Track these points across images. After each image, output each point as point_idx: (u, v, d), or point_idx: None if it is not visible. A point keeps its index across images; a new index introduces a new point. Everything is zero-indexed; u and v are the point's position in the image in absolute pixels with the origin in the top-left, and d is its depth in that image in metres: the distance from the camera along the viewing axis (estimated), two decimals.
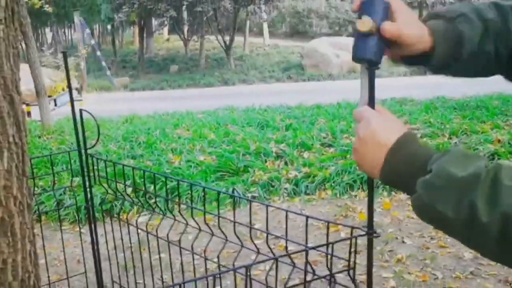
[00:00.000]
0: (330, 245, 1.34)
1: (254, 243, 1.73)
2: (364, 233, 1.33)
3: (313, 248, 1.62)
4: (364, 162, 1.13)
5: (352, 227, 1.39)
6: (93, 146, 2.08)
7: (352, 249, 1.34)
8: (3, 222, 1.22)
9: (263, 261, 1.47)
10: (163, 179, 6.67)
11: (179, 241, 2.17)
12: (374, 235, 1.32)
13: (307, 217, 1.62)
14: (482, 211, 0.88)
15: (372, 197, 1.34)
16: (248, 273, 1.25)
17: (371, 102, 1.25)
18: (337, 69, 23.98)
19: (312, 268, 1.39)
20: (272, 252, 1.41)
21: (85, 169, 1.98)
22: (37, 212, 6.27)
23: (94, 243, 2.56)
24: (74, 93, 14.09)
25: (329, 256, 1.35)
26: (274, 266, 1.34)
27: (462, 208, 0.90)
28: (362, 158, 1.13)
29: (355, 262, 1.37)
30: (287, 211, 1.68)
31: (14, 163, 1.24)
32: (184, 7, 26.85)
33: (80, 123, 2.00)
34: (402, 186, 1.07)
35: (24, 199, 1.28)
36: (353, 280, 1.36)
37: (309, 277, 1.37)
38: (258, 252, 1.75)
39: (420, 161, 1.02)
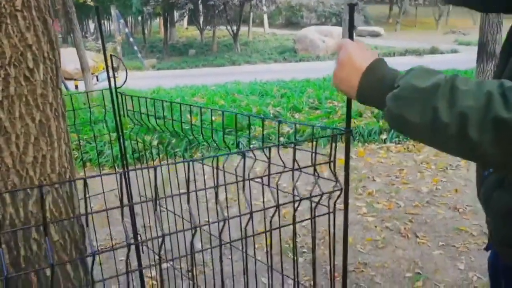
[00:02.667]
0: (315, 142, 1.31)
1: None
2: (343, 131, 1.30)
3: (301, 140, 1.61)
4: (342, 84, 1.09)
5: (333, 128, 1.35)
6: (121, 86, 2.02)
7: (333, 146, 1.31)
8: (41, 124, 1.18)
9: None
10: (182, 135, 6.67)
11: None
12: (351, 133, 1.31)
13: (295, 123, 1.57)
14: (443, 113, 0.84)
15: (350, 104, 1.30)
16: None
17: (350, 36, 1.20)
18: (323, 52, 23.70)
19: (298, 164, 1.35)
20: (265, 155, 1.37)
21: (115, 104, 1.91)
22: (82, 159, 6.31)
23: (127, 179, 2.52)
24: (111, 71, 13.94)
25: (313, 154, 1.33)
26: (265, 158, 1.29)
27: (426, 113, 0.87)
28: (341, 81, 1.09)
29: (335, 156, 1.34)
30: (279, 122, 1.63)
31: (49, 75, 1.19)
32: (200, 1, 26.43)
33: (111, 66, 1.93)
34: (375, 103, 1.03)
35: (59, 107, 1.23)
36: (334, 172, 1.33)
37: (297, 174, 1.34)
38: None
39: (389, 79, 0.98)
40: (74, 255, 1.28)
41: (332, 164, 1.33)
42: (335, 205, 1.40)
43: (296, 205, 1.30)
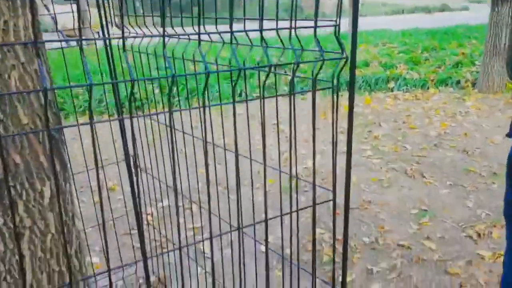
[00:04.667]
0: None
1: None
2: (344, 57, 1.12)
3: (301, 62, 1.47)
4: None
5: (337, 58, 1.18)
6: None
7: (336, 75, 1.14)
8: None
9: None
10: (184, 82, 6.50)
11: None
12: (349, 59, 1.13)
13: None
14: None
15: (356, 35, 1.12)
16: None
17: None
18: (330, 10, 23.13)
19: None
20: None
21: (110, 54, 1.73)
22: (82, 107, 6.19)
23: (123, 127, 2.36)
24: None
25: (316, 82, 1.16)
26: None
27: None
28: None
29: (338, 83, 1.17)
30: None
31: None
32: None
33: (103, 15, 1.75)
34: None
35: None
36: (337, 93, 1.17)
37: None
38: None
39: None
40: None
41: (335, 89, 1.16)
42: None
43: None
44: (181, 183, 1.75)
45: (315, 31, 1.09)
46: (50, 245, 1.20)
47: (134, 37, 1.02)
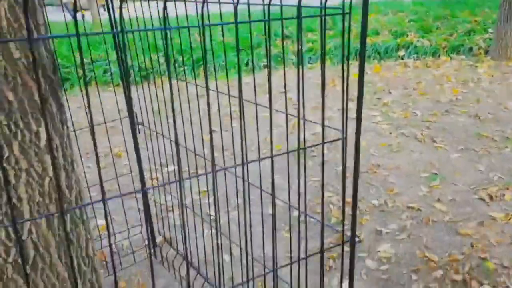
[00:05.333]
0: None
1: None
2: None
3: (304, 17, 1.39)
4: None
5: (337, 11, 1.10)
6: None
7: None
8: None
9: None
10: (190, 53, 6.41)
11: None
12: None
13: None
14: None
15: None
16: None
17: None
18: None
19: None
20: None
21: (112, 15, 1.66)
22: (88, 77, 6.13)
23: (128, 94, 2.30)
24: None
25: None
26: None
27: None
28: None
29: (349, 46, 1.09)
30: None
31: None
32: None
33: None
34: None
35: None
36: (347, 62, 1.09)
37: None
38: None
39: None
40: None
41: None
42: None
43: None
44: (186, 150, 1.70)
45: None
46: (49, 189, 1.16)
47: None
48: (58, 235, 1.20)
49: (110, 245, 0.92)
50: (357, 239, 1.14)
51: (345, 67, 1.34)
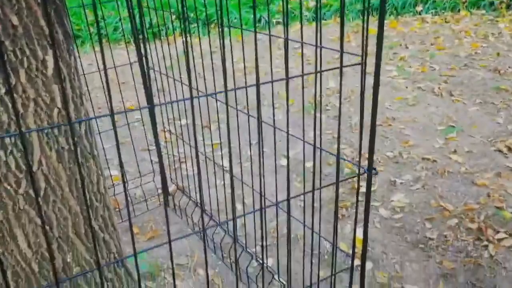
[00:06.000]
0: None
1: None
2: None
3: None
4: None
5: None
6: None
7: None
8: None
9: None
10: (202, 8, 6.29)
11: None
12: None
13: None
14: None
15: None
16: None
17: None
18: None
19: None
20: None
21: None
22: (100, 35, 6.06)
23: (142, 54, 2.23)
24: None
25: None
26: None
27: None
28: None
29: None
30: None
31: None
32: None
33: None
34: None
35: None
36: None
37: None
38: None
39: None
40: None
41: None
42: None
43: None
44: (199, 104, 1.66)
45: None
46: (57, 120, 1.14)
47: None
48: (69, 168, 1.19)
49: (124, 184, 0.89)
50: (374, 171, 1.11)
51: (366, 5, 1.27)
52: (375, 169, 1.11)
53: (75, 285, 1.31)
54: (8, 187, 1.10)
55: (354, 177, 1.19)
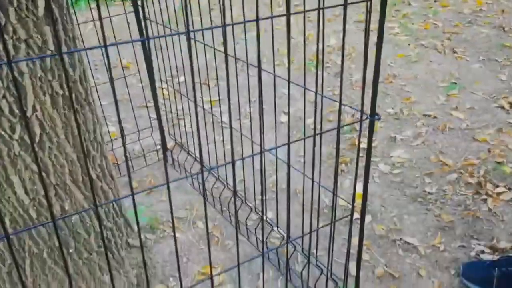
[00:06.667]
0: None
1: None
2: None
3: None
4: None
5: None
6: None
7: None
8: None
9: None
10: None
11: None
12: None
13: None
14: None
15: None
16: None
17: None
18: None
19: None
20: None
21: None
22: None
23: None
24: None
25: None
26: None
27: None
28: None
29: None
30: None
31: None
32: None
33: None
34: None
35: None
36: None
37: None
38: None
39: None
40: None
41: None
42: None
43: None
44: (197, 60, 1.62)
45: None
46: (51, 65, 1.10)
47: None
48: (64, 114, 1.17)
49: (122, 136, 0.86)
50: (377, 117, 1.09)
51: None
52: (377, 114, 1.09)
53: (75, 233, 1.31)
54: (2, 132, 1.08)
55: (356, 122, 1.17)
